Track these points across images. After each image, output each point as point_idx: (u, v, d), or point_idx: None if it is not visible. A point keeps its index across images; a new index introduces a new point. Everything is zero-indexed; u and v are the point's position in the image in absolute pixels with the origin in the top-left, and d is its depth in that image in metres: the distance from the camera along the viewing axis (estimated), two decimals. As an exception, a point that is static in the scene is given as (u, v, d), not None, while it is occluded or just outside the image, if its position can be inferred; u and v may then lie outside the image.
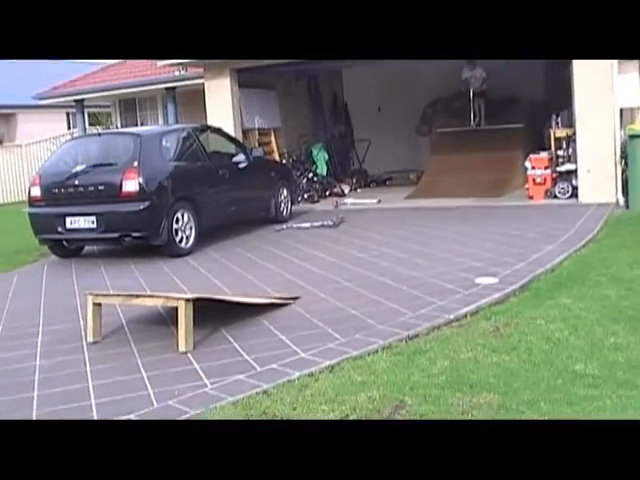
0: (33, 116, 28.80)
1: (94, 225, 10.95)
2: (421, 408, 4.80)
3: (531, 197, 13.87)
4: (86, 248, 12.33)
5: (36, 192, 11.66)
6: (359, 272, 8.86)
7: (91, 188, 11.01)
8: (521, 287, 7.60)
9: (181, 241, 11.09)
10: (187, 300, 6.40)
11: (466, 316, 6.74)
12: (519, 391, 4.96)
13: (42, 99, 23.97)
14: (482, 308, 6.96)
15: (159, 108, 23.54)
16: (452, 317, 6.69)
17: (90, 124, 26.36)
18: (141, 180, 10.74)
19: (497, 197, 14.46)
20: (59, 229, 11.22)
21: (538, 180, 13.81)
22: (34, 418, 5.23)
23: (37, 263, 11.89)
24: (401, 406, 4.85)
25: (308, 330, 6.67)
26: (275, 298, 7.70)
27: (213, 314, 7.16)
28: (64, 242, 11.78)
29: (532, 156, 14.04)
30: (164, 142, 11.77)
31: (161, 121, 22.94)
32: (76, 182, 11.14)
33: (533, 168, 13.87)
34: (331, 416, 4.79)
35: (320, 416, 4.80)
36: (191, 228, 11.28)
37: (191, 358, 6.17)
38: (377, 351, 5.96)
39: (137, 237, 10.88)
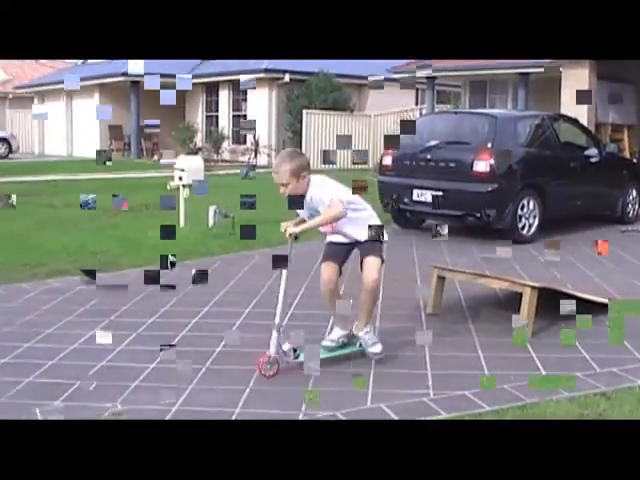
0: (385, 88, 29.58)
1: (439, 200, 11.12)
2: None
3: None
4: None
5: (388, 161, 12.10)
6: None
7: (441, 164, 11.22)
8: None
9: (523, 228, 11.02)
10: (533, 287, 6.35)
11: None
12: None
13: (396, 73, 24.63)
14: None
15: (509, 93, 23.46)
16: None
17: (439, 102, 26.76)
18: (493, 162, 10.76)
19: None
20: (405, 200, 11.54)
21: None
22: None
23: (378, 229, 12.25)
24: None
25: (654, 339, 6.37)
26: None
27: (553, 306, 7.02)
28: (407, 213, 12.07)
29: None
30: (518, 126, 11.72)
31: (509, 106, 22.82)
32: (428, 156, 11.39)
33: None
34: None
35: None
36: (535, 217, 11.17)
37: (528, 346, 6.13)
38: None
39: (480, 217, 10.93)
